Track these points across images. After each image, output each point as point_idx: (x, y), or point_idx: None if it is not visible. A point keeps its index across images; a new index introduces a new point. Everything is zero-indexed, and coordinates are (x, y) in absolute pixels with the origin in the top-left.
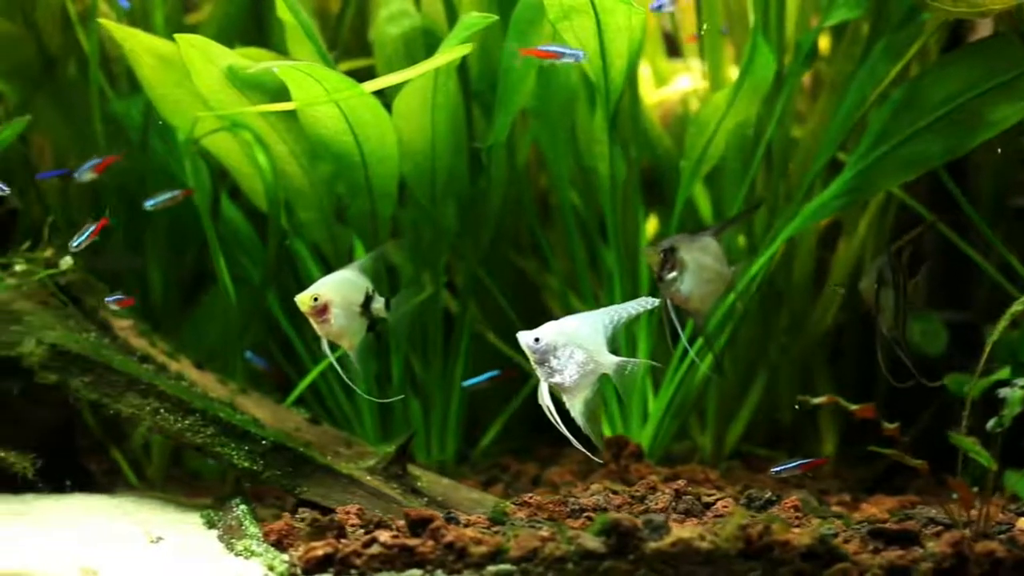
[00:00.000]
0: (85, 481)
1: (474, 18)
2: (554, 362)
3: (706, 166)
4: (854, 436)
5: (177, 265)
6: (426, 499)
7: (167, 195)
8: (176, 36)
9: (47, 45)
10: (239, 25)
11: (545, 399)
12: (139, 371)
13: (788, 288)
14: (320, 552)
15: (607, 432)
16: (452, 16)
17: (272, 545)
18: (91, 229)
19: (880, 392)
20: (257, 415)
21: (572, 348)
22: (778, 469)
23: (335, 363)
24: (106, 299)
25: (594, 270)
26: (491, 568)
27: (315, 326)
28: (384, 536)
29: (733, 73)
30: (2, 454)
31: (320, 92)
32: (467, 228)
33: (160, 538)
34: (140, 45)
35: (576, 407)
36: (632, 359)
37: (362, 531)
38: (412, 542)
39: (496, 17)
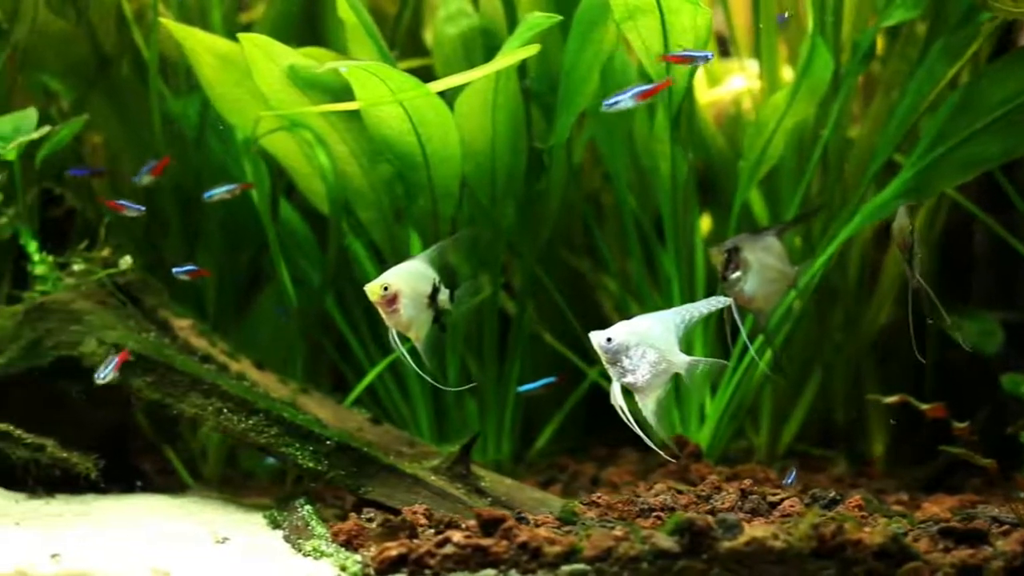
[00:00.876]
0: (140, 481)
1: (538, 18)
2: (626, 362)
3: (765, 167)
4: (904, 436)
5: (232, 266)
6: (489, 499)
7: (225, 188)
8: (240, 35)
9: (101, 43)
10: (293, 25)
11: (618, 399)
12: (201, 371)
13: (843, 287)
14: (394, 552)
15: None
16: (511, 16)
17: (341, 545)
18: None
19: (929, 392)
20: (319, 415)
21: (644, 348)
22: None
23: (405, 355)
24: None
25: (649, 270)
26: (565, 568)
27: (384, 316)
28: (457, 536)
29: (787, 73)
30: (65, 454)
31: (385, 92)
32: (526, 228)
33: (226, 538)
34: (200, 44)
35: (648, 407)
36: (704, 359)
37: (432, 531)
38: (486, 542)
39: (560, 17)
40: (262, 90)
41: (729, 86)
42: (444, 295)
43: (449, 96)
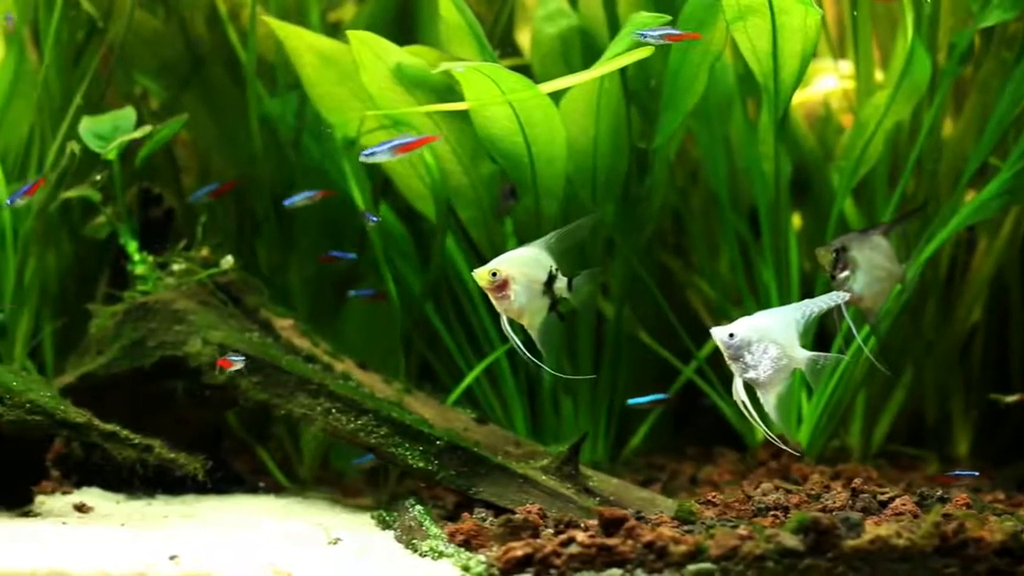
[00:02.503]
0: (234, 481)
1: (645, 18)
2: (748, 357)
3: (864, 167)
4: (987, 435)
5: (324, 266)
6: (598, 499)
7: (304, 195)
8: (349, 33)
9: (195, 42)
10: (387, 23)
11: (740, 394)
12: (309, 371)
13: (934, 287)
14: (519, 552)
15: (759, 434)
16: (611, 16)
17: (459, 546)
18: None
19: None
20: (424, 415)
21: (766, 344)
22: None
23: (518, 345)
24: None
25: (744, 269)
26: (691, 567)
27: (494, 302)
28: (581, 536)
29: (878, 74)
30: (172, 455)
31: (496, 92)
32: (627, 228)
33: (338, 539)
34: (303, 43)
35: (770, 402)
36: (825, 354)
37: (550, 531)
38: (611, 541)
39: (669, 18)
40: (368, 89)
41: (819, 86)
42: (561, 283)
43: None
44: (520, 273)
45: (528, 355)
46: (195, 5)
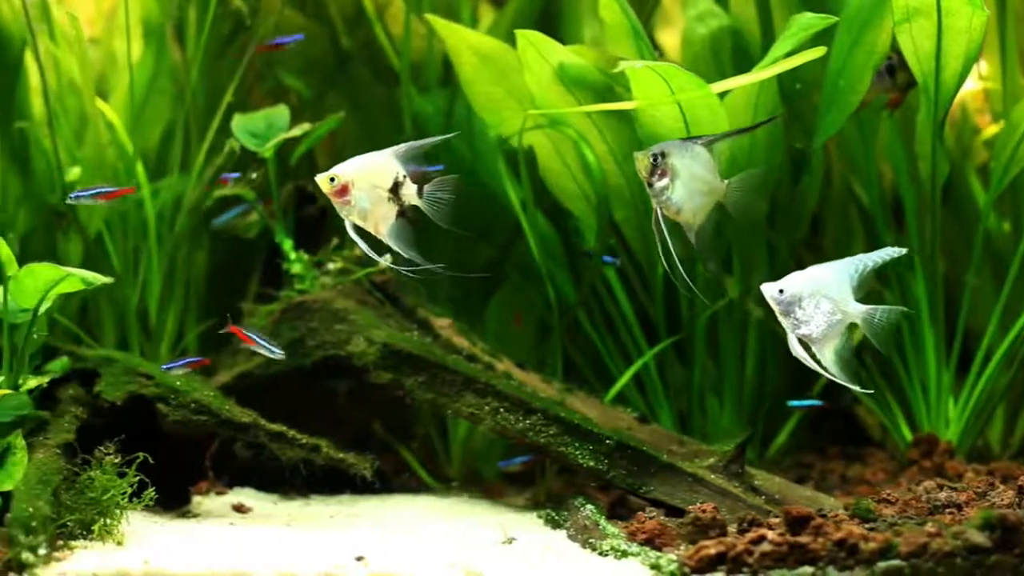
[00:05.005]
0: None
1: (811, 19)
2: (799, 313)
3: (1016, 167)
4: None
5: (469, 266)
6: (764, 497)
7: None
8: (517, 32)
9: (340, 40)
10: (531, 23)
11: (797, 350)
12: (474, 370)
13: None
14: (712, 551)
15: (907, 434)
16: (764, 16)
17: (642, 545)
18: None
19: None
20: (588, 414)
21: (818, 298)
22: None
23: (365, 249)
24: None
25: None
26: (881, 564)
27: (337, 208)
28: (772, 534)
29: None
30: (340, 455)
31: (665, 91)
32: (782, 227)
33: (513, 539)
34: (463, 41)
35: (827, 357)
36: (881, 307)
37: (733, 529)
38: (802, 539)
39: (836, 19)
40: (530, 88)
41: None
42: (409, 189)
43: None
44: (361, 178)
45: (376, 256)
46: (341, 3)
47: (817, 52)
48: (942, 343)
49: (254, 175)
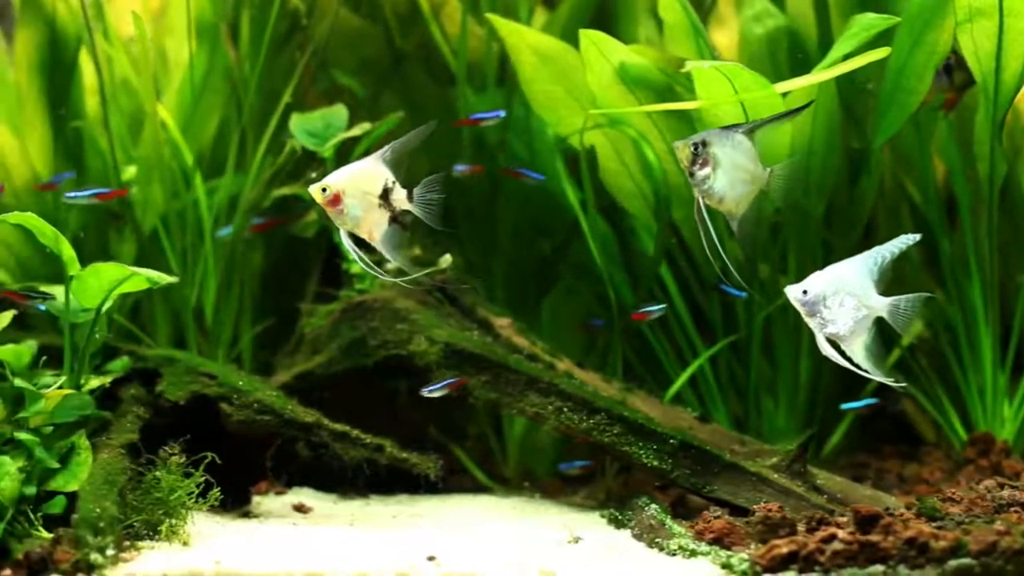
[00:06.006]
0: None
1: (872, 19)
2: (825, 312)
3: None
4: None
5: (523, 266)
6: (826, 496)
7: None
8: (581, 32)
9: (394, 40)
10: (584, 24)
11: (826, 349)
12: (537, 370)
13: None
14: (784, 549)
15: (963, 433)
16: (822, 17)
17: (710, 544)
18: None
19: None
20: (650, 414)
21: (842, 296)
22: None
23: (359, 256)
24: None
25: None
26: (952, 563)
27: (331, 217)
28: (842, 533)
29: None
30: (404, 455)
31: (729, 91)
32: (838, 227)
33: (578, 538)
34: (523, 41)
35: (857, 353)
36: (904, 296)
37: (801, 528)
38: (873, 538)
39: (898, 19)
40: (592, 87)
41: None
42: (399, 194)
43: None
44: (352, 187)
45: (371, 267)
46: (396, 3)
47: (881, 52)
48: (997, 344)
49: (313, 174)
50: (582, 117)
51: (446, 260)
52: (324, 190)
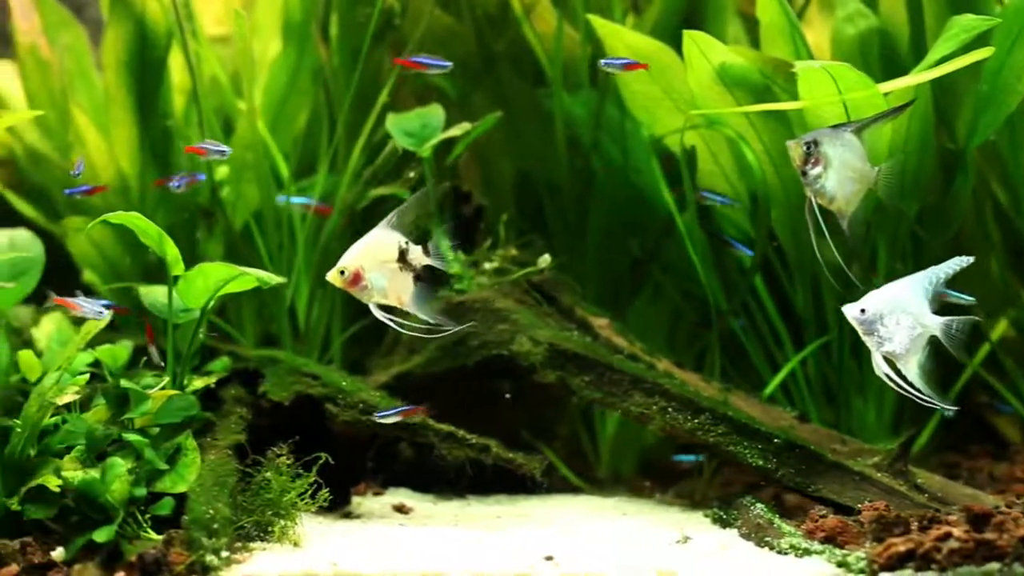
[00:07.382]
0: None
1: (971, 20)
2: (882, 331)
3: None
4: None
5: (613, 268)
6: (927, 495)
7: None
8: (685, 32)
9: (486, 40)
10: (675, 25)
11: (883, 367)
12: (640, 370)
13: None
14: (902, 548)
15: None
16: (915, 18)
17: (822, 543)
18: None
19: None
20: (751, 414)
21: (898, 315)
22: None
23: (391, 324)
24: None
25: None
26: None
27: (358, 297)
28: (957, 531)
29: None
30: (510, 455)
31: (831, 91)
32: (931, 226)
33: (687, 538)
34: (620, 41)
35: (912, 371)
36: (958, 318)
37: (914, 526)
38: (988, 536)
39: (998, 20)
40: (692, 87)
41: None
42: (415, 252)
43: None
44: (368, 261)
45: (409, 333)
46: (487, 3)
47: (985, 52)
48: None
49: (411, 174)
50: (678, 117)
51: (545, 260)
52: (343, 273)
